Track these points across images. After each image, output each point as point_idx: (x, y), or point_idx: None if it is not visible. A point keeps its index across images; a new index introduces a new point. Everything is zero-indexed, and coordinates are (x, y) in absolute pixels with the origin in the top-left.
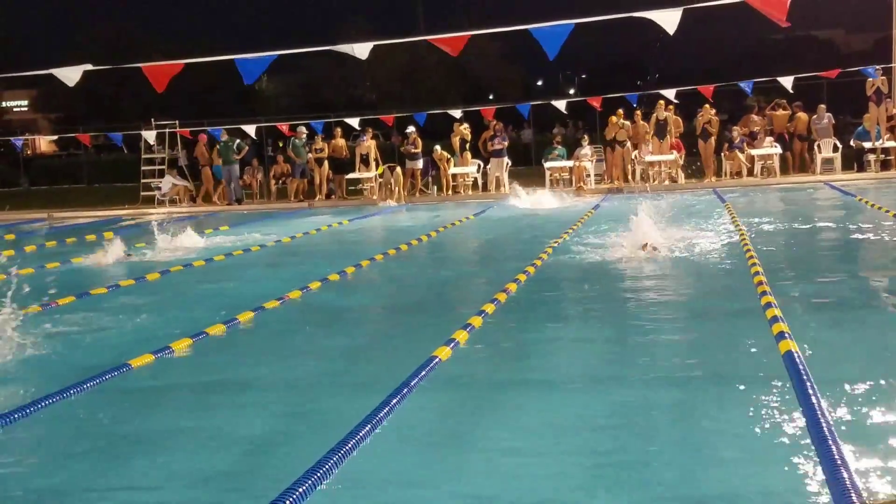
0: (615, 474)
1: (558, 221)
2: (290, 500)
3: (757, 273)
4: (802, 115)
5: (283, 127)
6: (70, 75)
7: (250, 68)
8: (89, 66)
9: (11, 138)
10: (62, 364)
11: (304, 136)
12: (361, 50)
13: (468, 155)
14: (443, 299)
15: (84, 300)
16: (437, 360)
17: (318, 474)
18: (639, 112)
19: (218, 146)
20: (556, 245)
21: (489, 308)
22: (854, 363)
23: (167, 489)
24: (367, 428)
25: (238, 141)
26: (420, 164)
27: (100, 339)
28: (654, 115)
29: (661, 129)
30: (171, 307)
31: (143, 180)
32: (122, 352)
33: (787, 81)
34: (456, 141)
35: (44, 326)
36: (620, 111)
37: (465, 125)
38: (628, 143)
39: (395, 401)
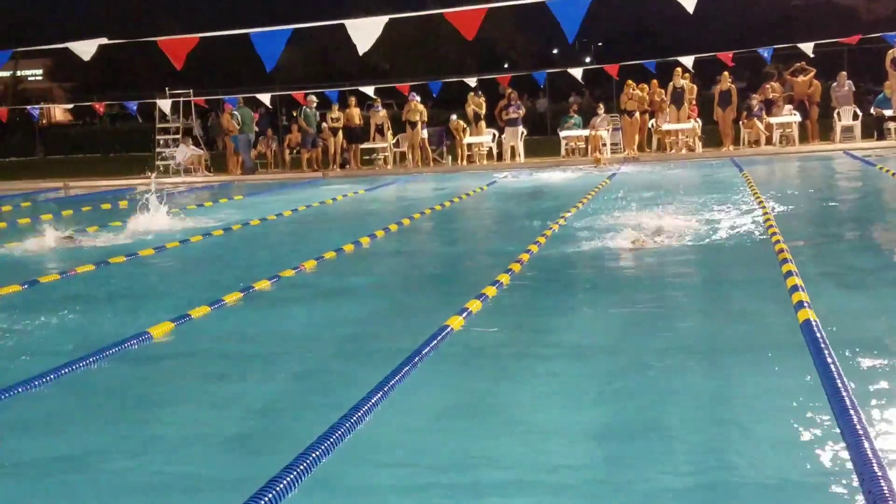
0: (634, 444)
1: (573, 191)
2: (305, 464)
3: (777, 241)
4: (817, 83)
5: (299, 96)
6: (86, 48)
7: (268, 51)
8: (104, 41)
9: (28, 107)
10: (81, 332)
11: (315, 104)
12: (371, 28)
13: (483, 125)
14: (456, 269)
15: (103, 268)
16: (449, 329)
17: (331, 440)
18: (655, 81)
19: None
20: (569, 215)
21: (503, 278)
22: (874, 332)
23: (183, 453)
24: (378, 395)
25: (235, 111)
26: (425, 132)
27: (119, 308)
28: (671, 83)
29: (678, 97)
30: (190, 276)
31: (157, 150)
32: (142, 319)
33: (807, 48)
34: (469, 111)
35: (62, 295)
36: (630, 82)
37: (481, 97)
38: (636, 113)
39: (406, 369)
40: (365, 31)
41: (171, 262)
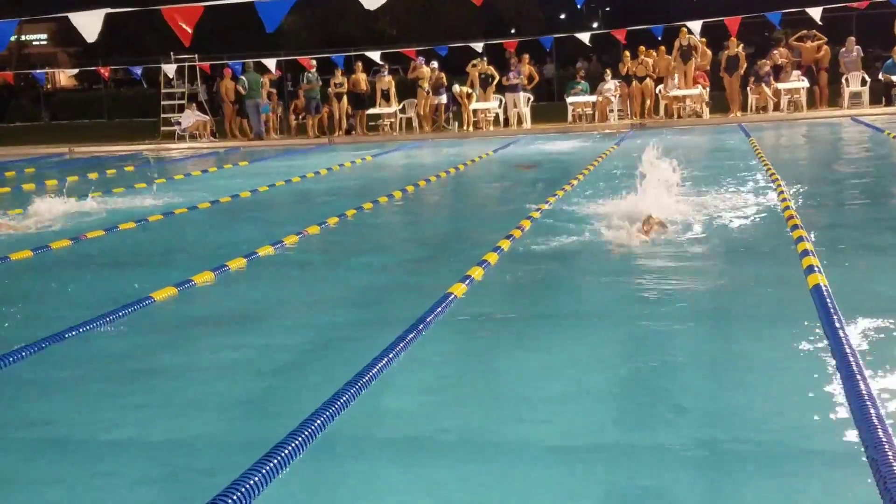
0: (639, 410)
1: (579, 158)
2: (310, 430)
3: (788, 208)
4: (826, 47)
5: (304, 62)
6: (90, 27)
7: (271, 14)
8: (108, 10)
9: (33, 72)
10: (86, 296)
11: (314, 68)
12: None
13: (491, 90)
14: (459, 236)
15: (111, 234)
16: (452, 296)
17: (336, 406)
18: (662, 47)
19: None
20: (575, 182)
21: (505, 245)
22: (883, 298)
23: (187, 418)
24: (383, 362)
25: (242, 76)
26: (444, 98)
27: (124, 272)
28: (677, 41)
29: (685, 55)
30: (194, 242)
31: (163, 115)
32: (146, 284)
33: (815, 13)
34: (475, 73)
35: (72, 259)
36: (642, 48)
37: (477, 64)
38: (647, 79)
39: (411, 336)
40: None
41: (178, 229)
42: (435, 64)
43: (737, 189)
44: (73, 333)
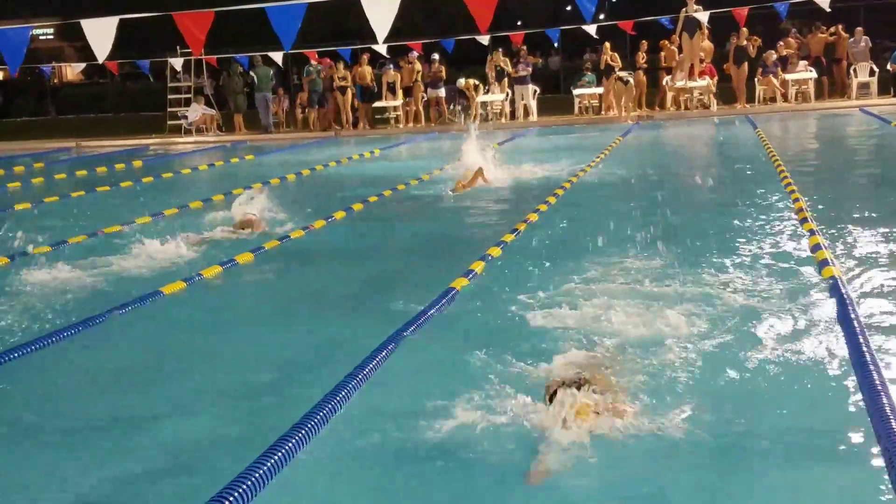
0: (650, 398)
1: (585, 150)
2: (312, 423)
3: (797, 200)
4: (844, 35)
5: (311, 55)
6: (102, 44)
7: (285, 27)
8: (121, 16)
9: (39, 66)
10: (94, 290)
11: (318, 62)
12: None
13: (506, 82)
14: (463, 230)
15: (131, 227)
16: (455, 290)
17: (338, 399)
18: (675, 37)
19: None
20: (580, 175)
21: (508, 238)
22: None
23: (196, 410)
24: (383, 353)
25: (251, 72)
26: (442, 91)
27: (133, 267)
28: (683, 11)
29: (690, 25)
30: (204, 235)
31: (169, 109)
32: (154, 279)
33: (824, 2)
34: (491, 65)
35: (90, 251)
36: (662, 41)
37: (499, 54)
38: (640, 71)
39: (412, 328)
40: (381, 10)
41: (186, 223)
42: (436, 56)
43: (742, 180)
44: (84, 328)
